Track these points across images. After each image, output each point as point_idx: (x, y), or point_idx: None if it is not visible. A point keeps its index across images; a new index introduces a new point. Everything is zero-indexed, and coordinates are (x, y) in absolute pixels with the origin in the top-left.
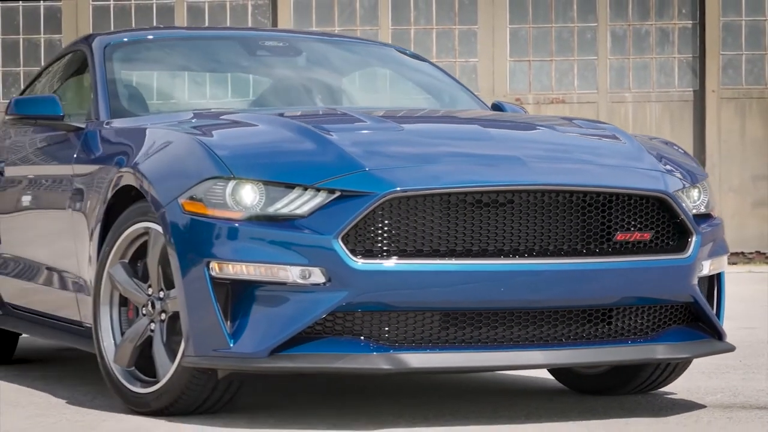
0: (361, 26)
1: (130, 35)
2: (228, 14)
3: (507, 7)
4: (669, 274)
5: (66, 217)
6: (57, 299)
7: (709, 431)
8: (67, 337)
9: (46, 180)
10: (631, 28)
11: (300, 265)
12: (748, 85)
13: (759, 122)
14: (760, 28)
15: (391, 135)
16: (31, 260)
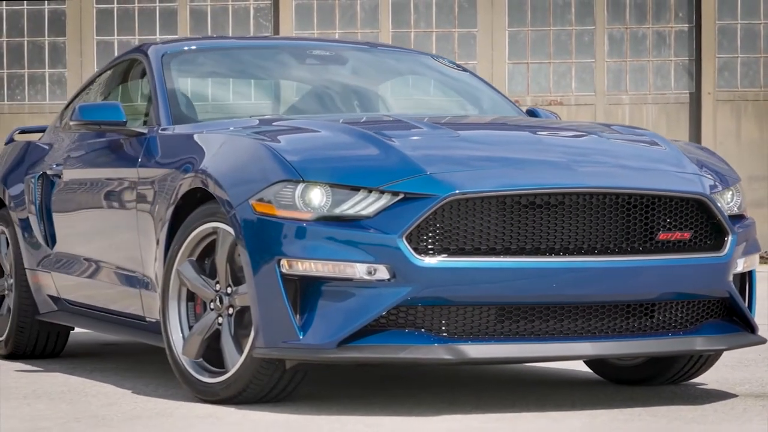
0: (362, 29)
1: (185, 44)
2: (230, 18)
3: (506, 11)
4: (707, 271)
5: (131, 218)
6: (119, 295)
7: (746, 417)
8: (129, 332)
9: (109, 182)
10: (628, 31)
11: (366, 262)
12: (744, 87)
13: (754, 124)
14: (756, 31)
15: (447, 141)
16: (90, 258)
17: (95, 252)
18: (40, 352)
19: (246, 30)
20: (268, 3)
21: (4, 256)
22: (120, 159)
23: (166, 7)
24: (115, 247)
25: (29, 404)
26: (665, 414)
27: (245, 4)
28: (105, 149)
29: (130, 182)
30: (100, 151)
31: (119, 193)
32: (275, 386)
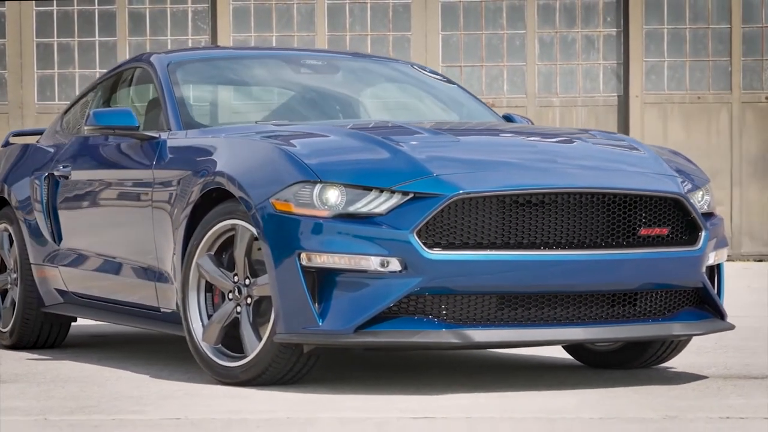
0: (298, 32)
1: (187, 54)
2: (169, 20)
3: (439, 15)
4: (683, 263)
5: (146, 216)
6: (132, 287)
7: (722, 394)
8: (142, 321)
9: (122, 183)
10: (558, 35)
11: (380, 255)
12: (670, 90)
13: (680, 126)
14: (682, 35)
15: (449, 145)
16: (101, 253)
17: (107, 247)
18: (43, 343)
19: (184, 32)
20: (205, 6)
21: (8, 252)
22: (133, 161)
23: (105, 10)
24: (128, 242)
25: (62, 387)
26: (648, 392)
27: (183, 8)
28: (116, 152)
29: (146, 183)
30: (110, 154)
31: (134, 193)
32: (292, 369)
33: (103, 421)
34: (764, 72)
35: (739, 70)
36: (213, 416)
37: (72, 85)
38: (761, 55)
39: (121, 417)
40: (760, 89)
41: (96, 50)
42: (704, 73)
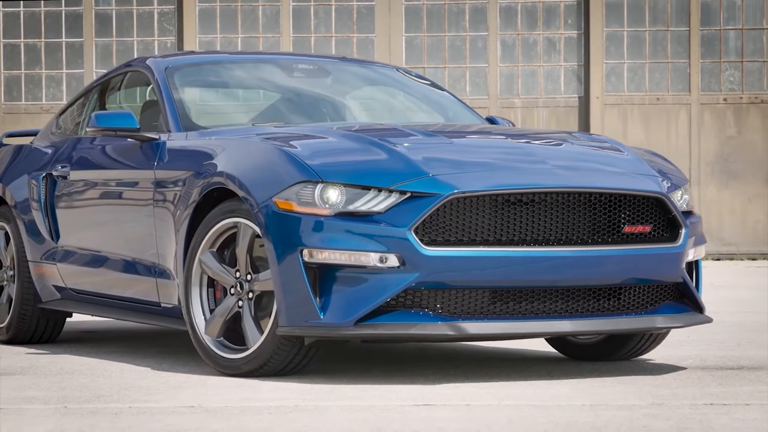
0: (264, 33)
1: (183, 59)
2: (135, 22)
3: (402, 17)
4: (664, 259)
5: (147, 214)
6: (132, 283)
7: (703, 383)
8: (141, 316)
9: (122, 182)
10: (519, 38)
11: (378, 251)
12: (630, 92)
13: (640, 127)
14: (641, 38)
15: (444, 147)
16: (100, 250)
17: (106, 244)
18: (39, 338)
19: (150, 33)
20: (172, 8)
21: (4, 250)
22: (134, 162)
23: (72, 11)
24: (129, 240)
25: (70, 378)
26: (633, 382)
27: (149, 9)
28: (115, 153)
29: (147, 182)
30: (109, 155)
31: (135, 192)
32: (292, 360)
33: (122, 409)
34: (722, 74)
35: (698, 71)
36: (225, 404)
37: (39, 85)
38: (719, 57)
39: (138, 405)
40: (718, 91)
41: (63, 51)
42: (663, 74)
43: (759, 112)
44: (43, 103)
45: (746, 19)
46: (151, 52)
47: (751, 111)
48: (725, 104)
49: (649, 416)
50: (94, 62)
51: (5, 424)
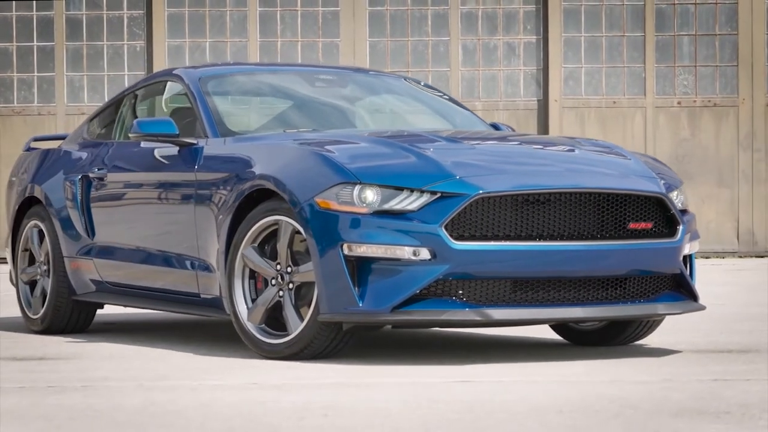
0: (231, 38)
1: (214, 69)
2: (105, 26)
3: (366, 22)
4: (664, 253)
5: (188, 212)
6: (171, 276)
7: (702, 363)
8: (180, 306)
9: (163, 183)
10: (480, 42)
11: (412, 245)
12: (587, 95)
13: (597, 129)
14: (598, 43)
15: (467, 152)
16: (139, 246)
17: (145, 240)
18: (71, 329)
19: (120, 38)
20: (141, 12)
21: (37, 247)
22: (174, 165)
23: (43, 16)
24: (169, 236)
25: (125, 361)
26: (639, 363)
27: (119, 14)
28: (153, 157)
29: (188, 184)
30: (147, 158)
31: (175, 192)
32: (330, 344)
33: (196, 386)
34: (676, 78)
35: (653, 76)
36: (285, 381)
37: (11, 88)
38: (673, 62)
39: (207, 383)
40: (672, 94)
41: (34, 55)
42: (620, 78)
43: (712, 115)
44: (14, 105)
45: (699, 25)
46: (120, 56)
47: (704, 114)
48: (679, 107)
49: (664, 389)
50: (65, 65)
51: (99, 397)
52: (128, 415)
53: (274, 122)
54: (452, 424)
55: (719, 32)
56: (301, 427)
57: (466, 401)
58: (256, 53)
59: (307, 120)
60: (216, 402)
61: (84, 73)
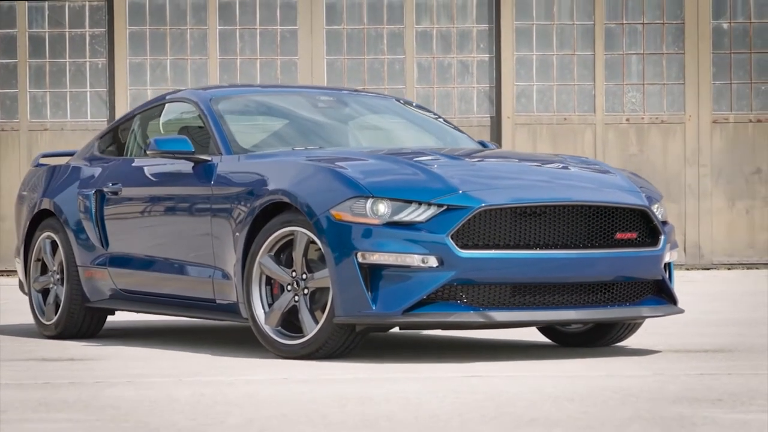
0: (192, 56)
1: (221, 91)
2: (67, 44)
3: (324, 41)
4: (648, 260)
5: (204, 224)
6: (187, 283)
7: (685, 360)
8: (195, 311)
9: (179, 197)
10: (435, 61)
11: (421, 254)
12: (539, 112)
13: (548, 145)
14: (549, 62)
15: (469, 168)
16: (153, 255)
17: (160, 250)
18: (83, 334)
19: (82, 55)
20: (102, 30)
21: (50, 257)
22: (189, 180)
23: (6, 33)
24: (185, 246)
25: (152, 361)
26: (627, 360)
27: (81, 32)
28: (168, 172)
29: (204, 197)
30: (162, 174)
31: (192, 205)
32: (343, 345)
33: (232, 381)
34: (625, 96)
35: (602, 93)
36: (312, 377)
37: None
38: (622, 80)
39: (241, 378)
40: (621, 111)
41: None
42: (570, 96)
43: (659, 131)
44: None
45: (647, 45)
46: (83, 73)
47: (652, 130)
48: (628, 124)
49: (658, 382)
50: (27, 82)
51: (149, 390)
52: (184, 404)
53: (281, 140)
54: (482, 411)
55: (666, 51)
56: (347, 413)
57: (485, 392)
58: (216, 71)
59: (312, 138)
60: (258, 393)
61: (47, 90)
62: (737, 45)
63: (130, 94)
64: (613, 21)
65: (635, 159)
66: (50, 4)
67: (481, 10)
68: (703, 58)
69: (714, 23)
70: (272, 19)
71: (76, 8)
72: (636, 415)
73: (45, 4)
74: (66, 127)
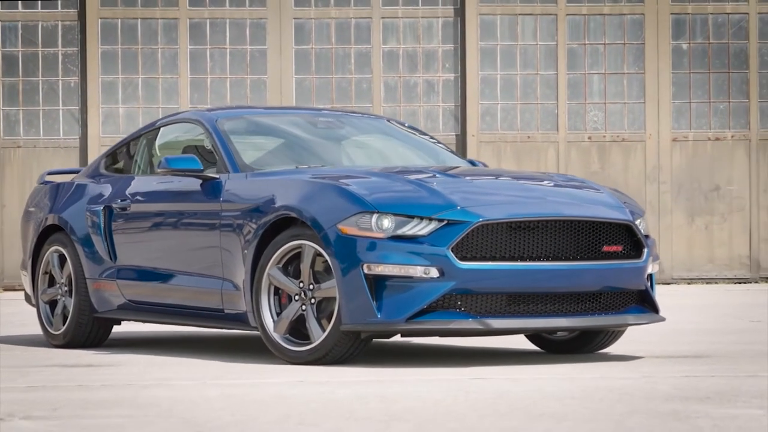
0: (163, 74)
1: (226, 113)
2: (40, 62)
3: (293, 60)
4: (632, 272)
5: (213, 238)
6: (195, 294)
7: (668, 364)
8: (204, 321)
9: (187, 213)
10: (401, 80)
11: (423, 265)
12: (503, 130)
13: (512, 162)
14: (513, 81)
15: (466, 185)
16: (162, 268)
17: (169, 262)
18: (90, 343)
19: (55, 74)
20: (75, 50)
21: (58, 270)
22: (198, 196)
23: None
24: (194, 258)
25: (169, 367)
26: (614, 365)
27: (54, 51)
28: (176, 189)
29: (213, 213)
30: (171, 191)
31: (201, 221)
32: (348, 351)
33: (254, 383)
34: (587, 114)
35: (565, 112)
36: (328, 380)
37: None
38: (584, 99)
39: (260, 381)
40: (583, 130)
41: None
42: (533, 115)
43: (620, 149)
44: None
45: (608, 65)
46: (55, 91)
47: (613, 148)
48: (590, 142)
49: (648, 383)
50: (1, 100)
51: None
52: (219, 403)
53: (283, 158)
54: (494, 407)
55: (627, 71)
56: (371, 409)
57: (493, 392)
58: (187, 89)
59: (312, 156)
60: (282, 393)
61: (20, 108)
62: (696, 65)
63: (102, 112)
64: (575, 41)
65: (597, 176)
66: (24, 23)
67: (446, 31)
68: (663, 78)
69: (674, 44)
70: (242, 38)
71: (49, 27)
72: (633, 410)
73: (18, 23)
74: (39, 145)
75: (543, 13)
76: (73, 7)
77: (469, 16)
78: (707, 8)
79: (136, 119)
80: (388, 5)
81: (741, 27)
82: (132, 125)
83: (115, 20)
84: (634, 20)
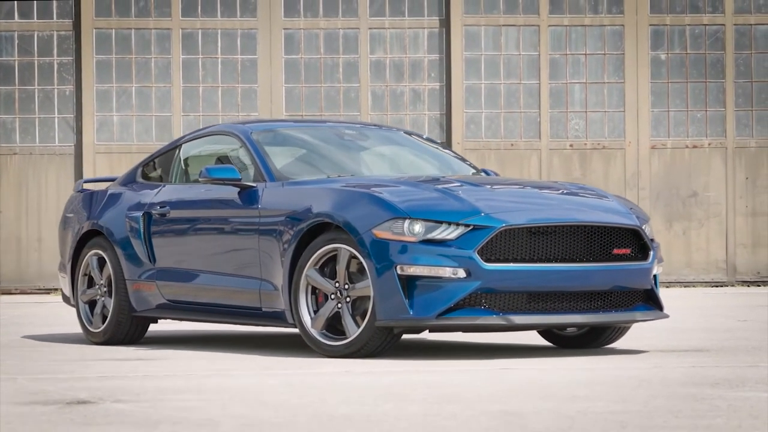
0: (156, 83)
1: (259, 125)
2: (36, 71)
3: (283, 69)
4: (639, 273)
5: (252, 241)
6: (234, 293)
7: (673, 356)
8: (242, 319)
9: (227, 219)
10: (388, 89)
11: (451, 267)
12: (487, 138)
13: (496, 169)
14: (497, 90)
15: (488, 193)
16: (201, 269)
17: (207, 264)
18: (129, 341)
19: (50, 82)
20: (70, 59)
21: (98, 272)
22: (237, 204)
23: None
24: (233, 261)
25: (217, 360)
26: (623, 358)
27: (50, 60)
28: (215, 197)
29: (252, 218)
30: (210, 198)
31: (240, 226)
32: (380, 345)
33: (304, 372)
34: (569, 122)
35: (547, 120)
36: (370, 370)
37: None
38: (566, 107)
39: (308, 371)
40: (565, 138)
41: None
42: (516, 123)
43: (601, 156)
44: None
45: (589, 74)
46: (51, 100)
47: (594, 156)
48: (571, 150)
49: (660, 372)
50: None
51: (240, 380)
52: (282, 389)
53: (313, 168)
54: (530, 391)
55: (608, 81)
56: (420, 393)
57: (520, 379)
58: (180, 98)
59: (340, 166)
60: (335, 381)
61: (16, 116)
62: (674, 75)
63: (97, 120)
64: (557, 52)
65: (578, 183)
66: (20, 33)
67: (432, 41)
68: (642, 87)
69: (652, 54)
70: (233, 48)
71: (45, 37)
72: (655, 394)
73: (15, 33)
74: (35, 152)
75: (526, 24)
76: (68, 18)
77: (454, 27)
78: (685, 20)
79: (130, 127)
80: (376, 16)
81: (717, 38)
82: (126, 133)
83: (109, 30)
84: (614, 31)
